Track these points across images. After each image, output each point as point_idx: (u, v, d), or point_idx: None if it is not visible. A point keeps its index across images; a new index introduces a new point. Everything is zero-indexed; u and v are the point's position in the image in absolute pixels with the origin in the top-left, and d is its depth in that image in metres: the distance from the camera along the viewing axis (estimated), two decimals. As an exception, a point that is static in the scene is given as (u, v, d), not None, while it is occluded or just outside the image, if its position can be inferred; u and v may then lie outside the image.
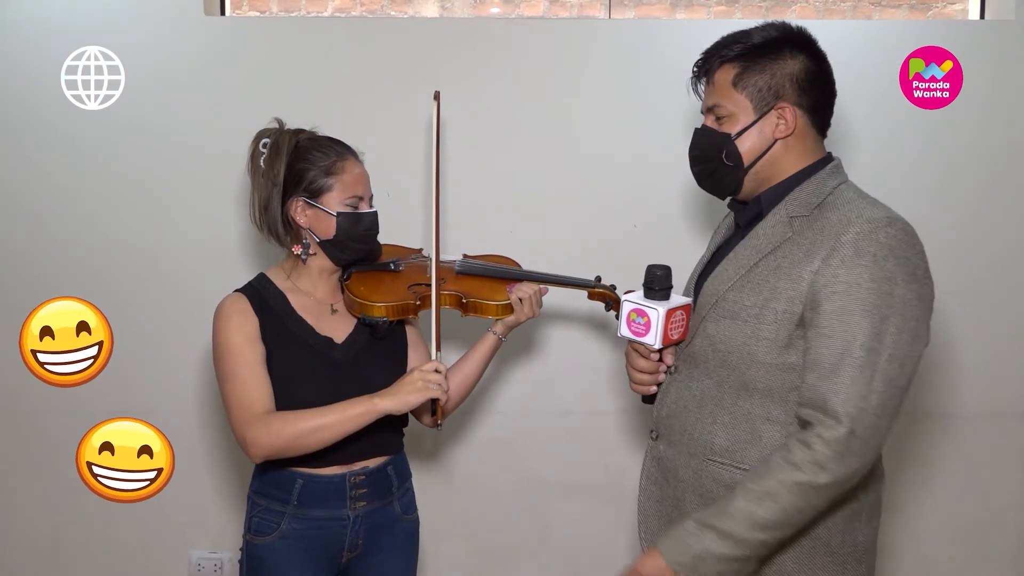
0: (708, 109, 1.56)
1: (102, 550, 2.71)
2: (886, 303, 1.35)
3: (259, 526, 1.74)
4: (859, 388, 1.34)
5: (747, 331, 1.46)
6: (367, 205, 1.77)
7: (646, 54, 2.54)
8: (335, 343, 1.75)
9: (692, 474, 1.55)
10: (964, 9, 2.81)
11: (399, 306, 1.75)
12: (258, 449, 1.64)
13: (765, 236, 1.50)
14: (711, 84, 1.56)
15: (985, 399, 2.63)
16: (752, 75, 1.50)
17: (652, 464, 1.66)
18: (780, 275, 1.45)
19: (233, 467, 2.68)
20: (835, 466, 1.34)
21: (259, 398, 1.65)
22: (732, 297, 1.50)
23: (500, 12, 2.85)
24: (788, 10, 2.83)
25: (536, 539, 2.70)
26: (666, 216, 2.58)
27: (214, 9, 2.65)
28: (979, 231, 2.57)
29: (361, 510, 1.76)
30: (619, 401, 2.64)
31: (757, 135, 1.51)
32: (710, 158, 1.56)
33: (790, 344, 1.43)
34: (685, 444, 1.56)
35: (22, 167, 2.59)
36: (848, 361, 1.34)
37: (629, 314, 1.52)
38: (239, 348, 1.68)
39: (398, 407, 1.63)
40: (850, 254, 1.37)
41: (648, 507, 1.65)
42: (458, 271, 1.91)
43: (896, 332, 1.35)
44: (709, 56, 1.56)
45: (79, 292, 2.63)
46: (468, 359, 1.90)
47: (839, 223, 1.42)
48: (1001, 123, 2.54)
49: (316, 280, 1.79)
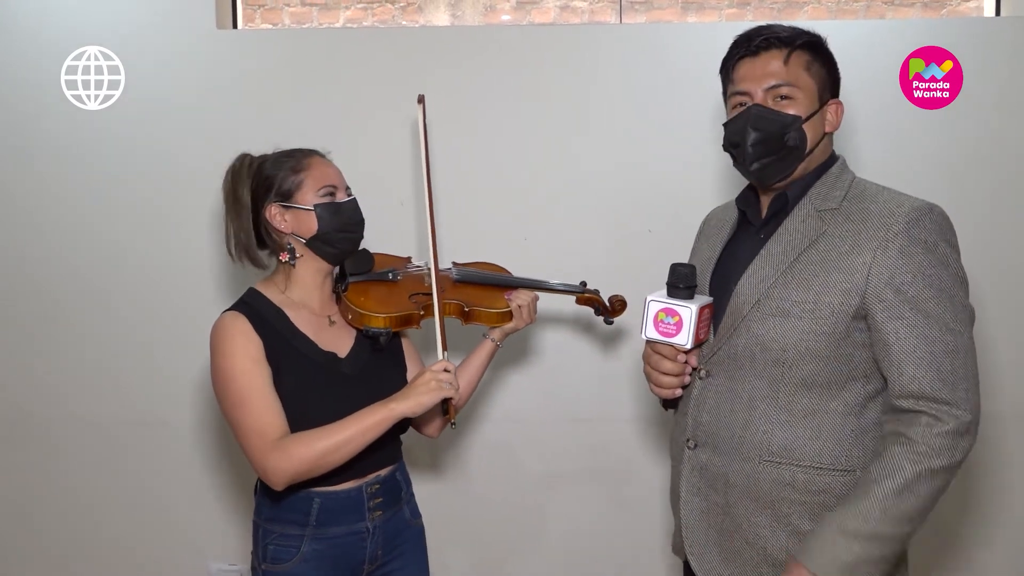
0: (769, 87, 1.50)
1: (120, 561, 2.72)
2: (949, 285, 1.41)
3: (276, 553, 1.69)
4: (959, 371, 1.39)
5: (802, 327, 1.46)
6: (344, 195, 1.73)
7: (658, 58, 2.53)
8: (339, 358, 1.73)
9: (745, 479, 1.51)
10: (979, 7, 2.79)
11: (402, 316, 1.74)
12: (280, 476, 1.59)
13: (797, 231, 1.50)
14: (786, 63, 1.50)
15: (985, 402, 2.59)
16: (819, 66, 1.53)
17: (694, 474, 1.60)
18: (829, 268, 1.45)
19: (251, 478, 2.68)
20: (963, 444, 1.39)
21: (272, 423, 1.60)
22: (777, 294, 1.48)
23: (511, 20, 2.85)
24: (800, 11, 2.81)
25: (535, 540, 2.69)
26: (680, 220, 2.55)
27: (226, 23, 2.67)
28: (980, 231, 2.54)
29: (378, 520, 1.74)
30: (616, 405, 2.63)
31: (819, 123, 1.53)
32: (775, 138, 1.50)
33: (848, 336, 1.44)
34: (735, 448, 1.53)
35: (22, 167, 2.61)
36: (939, 347, 1.39)
37: (657, 314, 1.48)
38: (246, 372, 1.61)
39: (414, 409, 1.62)
40: (905, 243, 1.41)
41: (692, 519, 1.61)
42: (456, 279, 1.91)
43: (962, 308, 1.42)
44: (791, 33, 1.52)
45: (79, 292, 2.64)
46: (467, 367, 1.90)
47: (882, 214, 1.45)
48: (1001, 123, 2.51)
49: (311, 288, 1.75)
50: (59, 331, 2.67)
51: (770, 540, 1.50)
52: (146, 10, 2.57)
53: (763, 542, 1.50)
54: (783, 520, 1.48)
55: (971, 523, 2.64)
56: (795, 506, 1.48)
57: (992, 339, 2.55)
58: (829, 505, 1.46)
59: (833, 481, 1.46)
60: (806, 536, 1.45)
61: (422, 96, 1.81)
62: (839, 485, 1.46)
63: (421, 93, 1.82)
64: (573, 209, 2.58)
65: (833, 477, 1.46)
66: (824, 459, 1.46)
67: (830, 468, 1.46)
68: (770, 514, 1.49)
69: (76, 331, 2.66)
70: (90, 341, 2.66)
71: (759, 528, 1.50)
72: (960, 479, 2.57)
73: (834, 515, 1.42)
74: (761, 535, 1.50)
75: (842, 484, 1.46)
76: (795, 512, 1.48)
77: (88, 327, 2.66)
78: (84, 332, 2.66)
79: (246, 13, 2.79)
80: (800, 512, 1.48)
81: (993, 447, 2.60)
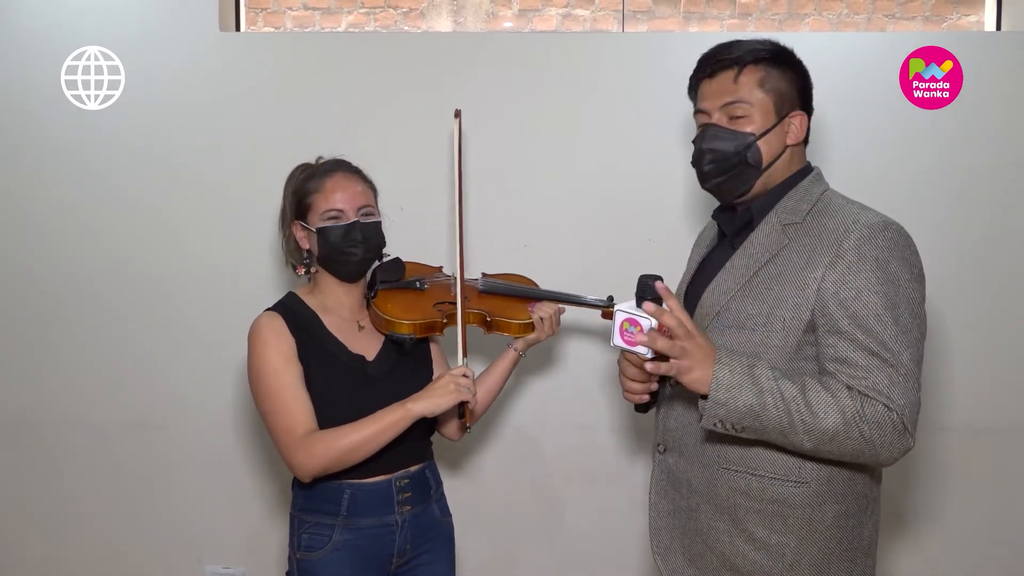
0: (725, 105, 1.55)
1: (116, 563, 2.71)
2: (896, 303, 1.40)
3: (310, 542, 1.77)
4: (896, 387, 1.38)
5: (755, 340, 1.49)
6: (352, 215, 1.78)
7: (659, 67, 2.54)
8: (367, 360, 1.81)
9: (706, 484, 1.57)
10: (979, 21, 2.80)
11: (426, 323, 1.82)
12: (305, 470, 1.69)
13: (760, 245, 1.53)
14: (736, 81, 1.54)
15: (982, 412, 2.60)
16: (775, 79, 1.53)
17: (662, 478, 1.67)
18: (783, 282, 1.48)
19: (248, 482, 2.69)
20: (898, 442, 1.39)
21: (301, 421, 1.70)
22: (735, 307, 1.52)
23: (513, 27, 2.86)
24: (801, 23, 2.82)
25: (549, 539, 2.70)
26: (681, 229, 2.57)
27: (229, 25, 2.67)
28: (980, 231, 2.56)
29: (407, 514, 1.81)
30: (631, 414, 2.62)
31: (776, 139, 1.54)
32: (727, 157, 1.55)
33: (799, 349, 1.47)
34: (697, 455, 1.58)
35: (22, 167, 2.61)
36: (877, 363, 1.39)
37: (622, 324, 1.50)
38: (277, 369, 1.71)
39: (431, 409, 1.69)
40: (854, 260, 1.42)
41: (660, 521, 1.67)
42: (482, 290, 2.00)
43: (907, 329, 1.40)
44: (740, 51, 1.54)
45: (78, 292, 2.64)
46: (489, 373, 1.97)
47: (837, 229, 1.46)
48: (1001, 123, 2.53)
49: (338, 296, 1.84)
50: (57, 333, 2.66)
51: (728, 545, 1.55)
52: (147, 11, 2.57)
53: (722, 547, 1.56)
54: (740, 526, 1.53)
55: (939, 537, 2.64)
56: (751, 514, 1.52)
57: (992, 340, 2.57)
58: (784, 515, 1.50)
59: (787, 491, 1.50)
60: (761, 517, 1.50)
61: (459, 111, 1.86)
62: (793, 495, 1.50)
63: (458, 108, 1.86)
64: (573, 217, 2.59)
65: (786, 487, 1.50)
66: (779, 469, 1.50)
67: (783, 478, 1.50)
68: (728, 520, 1.54)
69: (74, 333, 2.66)
70: (88, 343, 2.65)
71: (719, 533, 1.56)
72: (923, 494, 2.62)
73: (770, 370, 1.42)
74: (721, 540, 1.56)
75: (796, 495, 1.50)
76: (751, 519, 1.52)
77: (87, 329, 2.65)
78: (82, 334, 2.65)
79: (248, 16, 2.79)
80: (756, 520, 1.52)
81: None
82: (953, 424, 2.59)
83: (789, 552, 1.50)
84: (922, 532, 2.64)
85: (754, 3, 2.83)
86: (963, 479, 2.62)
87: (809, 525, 1.50)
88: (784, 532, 1.50)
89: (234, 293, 2.58)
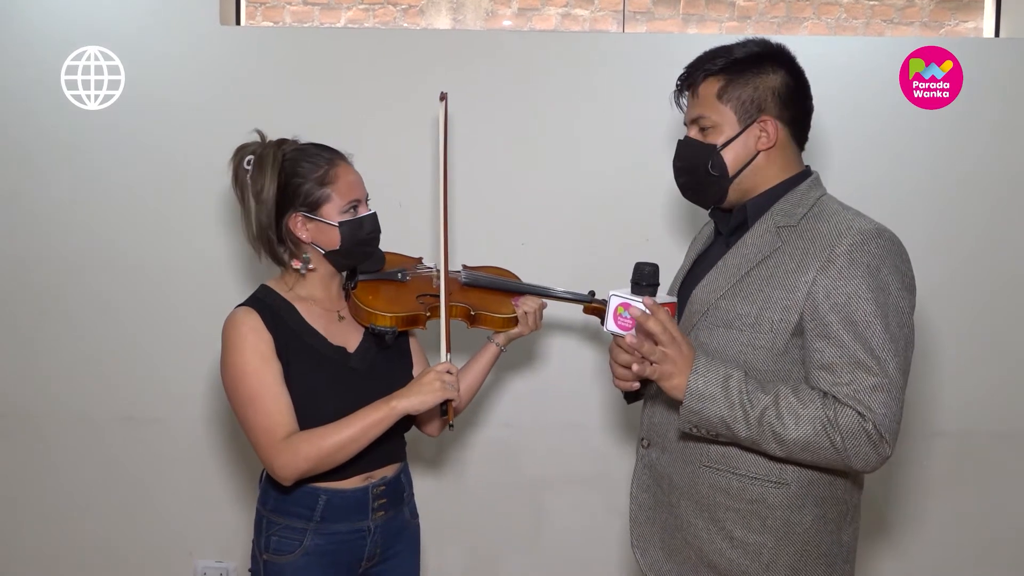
0: (692, 121, 1.60)
1: (107, 559, 2.71)
2: (886, 311, 1.41)
3: (279, 545, 1.71)
4: (877, 395, 1.39)
5: (743, 339, 1.50)
6: (364, 206, 1.74)
7: (658, 68, 2.53)
8: (348, 352, 1.75)
9: (687, 481, 1.58)
10: (977, 27, 2.81)
11: (408, 317, 1.76)
12: (287, 473, 1.62)
13: (754, 245, 1.54)
14: (695, 96, 1.59)
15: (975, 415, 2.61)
16: (736, 88, 1.54)
17: (644, 471, 1.68)
18: (774, 284, 1.48)
19: (239, 476, 2.68)
20: (874, 452, 1.40)
21: (281, 422, 1.62)
22: (724, 306, 1.53)
23: (512, 25, 2.86)
24: (800, 27, 2.83)
25: (531, 541, 2.69)
26: (678, 229, 2.57)
27: (229, 19, 2.67)
28: (980, 231, 2.57)
29: (380, 520, 1.77)
30: (615, 411, 2.63)
31: (741, 146, 1.55)
32: (695, 168, 1.59)
33: (786, 352, 1.48)
34: (679, 452, 1.59)
35: (22, 167, 2.60)
36: (861, 370, 1.39)
37: (616, 309, 1.50)
38: (256, 370, 1.63)
39: (416, 407, 1.64)
40: (845, 265, 1.42)
41: (640, 515, 1.68)
42: (464, 283, 1.93)
43: (894, 338, 1.41)
44: (694, 69, 1.59)
45: (78, 291, 2.63)
46: (470, 368, 1.92)
47: (830, 235, 1.46)
48: (1002, 123, 2.53)
49: (320, 288, 1.76)
50: (57, 330, 2.66)
51: (706, 542, 1.56)
52: (147, 9, 2.57)
53: (700, 543, 1.57)
54: (719, 524, 1.54)
55: (923, 543, 2.64)
56: (730, 512, 1.53)
57: (992, 340, 2.57)
58: (762, 515, 1.51)
59: (766, 492, 1.51)
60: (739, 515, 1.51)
61: (444, 94, 1.79)
62: (772, 496, 1.51)
63: (444, 91, 1.80)
64: (570, 215, 2.59)
65: (766, 488, 1.51)
66: (759, 469, 1.51)
67: (764, 479, 1.51)
68: (708, 518, 1.55)
69: (74, 329, 2.66)
70: (86, 339, 2.66)
71: (698, 530, 1.57)
72: (909, 499, 2.62)
73: (745, 382, 1.43)
74: (699, 537, 1.57)
75: (775, 496, 1.51)
76: (730, 518, 1.53)
77: (86, 326, 2.65)
78: (81, 330, 2.65)
79: (247, 11, 2.79)
80: (734, 519, 1.53)
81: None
82: (946, 429, 2.60)
83: (766, 552, 1.51)
84: (906, 538, 2.65)
85: (753, 6, 2.83)
86: (950, 485, 2.62)
87: (787, 527, 1.51)
88: (762, 532, 1.51)
89: (232, 290, 2.57)
